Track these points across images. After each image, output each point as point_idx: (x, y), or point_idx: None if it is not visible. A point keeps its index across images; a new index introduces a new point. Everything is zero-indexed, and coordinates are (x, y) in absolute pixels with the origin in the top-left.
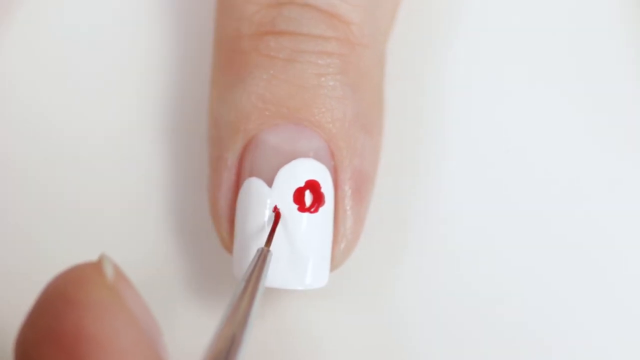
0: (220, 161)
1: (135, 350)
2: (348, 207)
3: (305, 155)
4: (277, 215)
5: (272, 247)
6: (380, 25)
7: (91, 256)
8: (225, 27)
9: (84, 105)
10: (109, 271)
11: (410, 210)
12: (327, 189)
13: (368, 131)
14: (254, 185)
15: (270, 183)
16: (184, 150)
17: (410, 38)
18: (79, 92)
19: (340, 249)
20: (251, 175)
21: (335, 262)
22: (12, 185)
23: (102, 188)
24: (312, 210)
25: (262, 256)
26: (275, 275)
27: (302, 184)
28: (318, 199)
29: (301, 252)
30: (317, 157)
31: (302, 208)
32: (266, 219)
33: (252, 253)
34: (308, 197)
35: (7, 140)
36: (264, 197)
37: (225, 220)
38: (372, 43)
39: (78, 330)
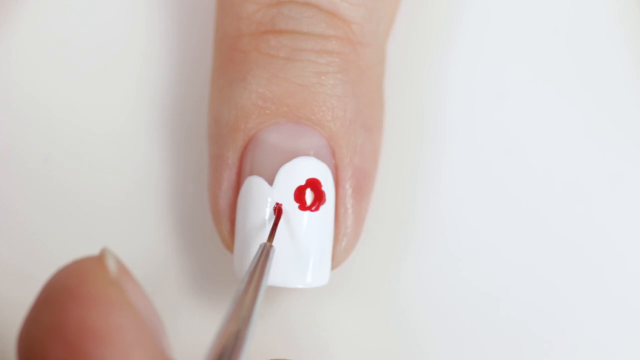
0: (221, 160)
1: (138, 344)
2: (349, 205)
3: (305, 153)
4: (279, 211)
5: (273, 245)
6: (381, 24)
7: (92, 253)
8: (225, 26)
9: (85, 103)
10: (111, 265)
11: (410, 208)
12: (327, 187)
13: (368, 129)
14: (254, 184)
15: (271, 181)
16: (184, 149)
17: (410, 37)
18: (80, 91)
19: (341, 247)
20: (252, 173)
21: (336, 260)
22: (13, 182)
23: (102, 187)
24: (313, 208)
25: (265, 252)
26: (276, 273)
27: (303, 183)
28: (319, 197)
29: (302, 250)
30: (318, 156)
31: (303, 206)
32: (267, 217)
33: (253, 251)
34: (309, 196)
35: (8, 137)
36: (265, 195)
37: (226, 218)
38: (372, 42)
39: (81, 324)
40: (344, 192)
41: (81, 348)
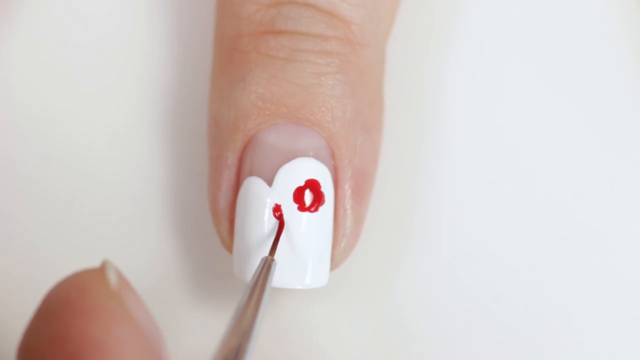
0: (220, 160)
1: (138, 357)
2: (348, 206)
3: (305, 154)
4: (281, 222)
5: (275, 259)
6: (380, 25)
7: (92, 258)
8: (225, 27)
9: (84, 106)
10: (112, 278)
11: (409, 209)
12: (327, 188)
13: (368, 130)
14: (253, 185)
15: (270, 182)
16: (184, 150)
17: (410, 37)
18: (79, 93)
19: (340, 248)
20: (251, 174)
21: (335, 261)
22: (13, 187)
23: (102, 188)
24: (312, 209)
25: (267, 265)
26: (275, 274)
27: (302, 183)
28: (318, 198)
29: (301, 251)
30: (317, 157)
31: (302, 207)
32: (266, 218)
33: (252, 252)
34: (308, 197)
35: (7, 138)
36: (264, 196)
37: (226, 219)
38: (372, 42)
39: (82, 337)
40: (343, 193)
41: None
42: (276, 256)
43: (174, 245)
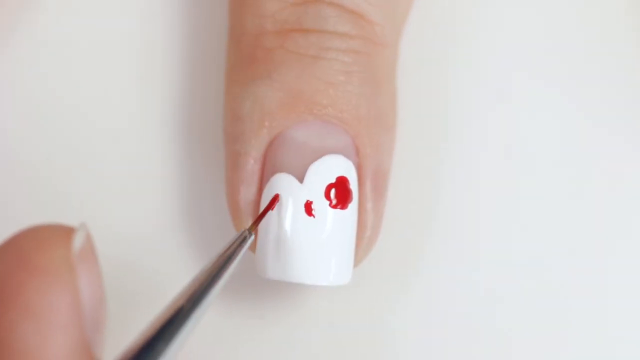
0: (243, 156)
1: (63, 330)
2: (370, 204)
3: (334, 151)
4: (274, 199)
5: (300, 243)
6: (396, 26)
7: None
8: (245, 24)
9: (87, 103)
10: (77, 243)
11: (420, 208)
12: (353, 185)
13: (387, 128)
14: (284, 181)
15: (300, 179)
16: (187, 148)
17: (416, 37)
18: (82, 90)
19: (363, 245)
20: (278, 171)
21: (358, 258)
22: (13, 182)
23: (103, 186)
24: (343, 206)
25: (241, 238)
26: (301, 270)
27: (333, 180)
28: (348, 196)
29: (328, 247)
30: (345, 154)
31: (333, 204)
32: (300, 214)
33: (282, 249)
34: (338, 194)
35: (10, 137)
36: (296, 192)
37: (248, 216)
38: (390, 43)
39: (18, 292)
40: (365, 191)
41: (6, 313)
42: (304, 252)
43: (178, 244)
